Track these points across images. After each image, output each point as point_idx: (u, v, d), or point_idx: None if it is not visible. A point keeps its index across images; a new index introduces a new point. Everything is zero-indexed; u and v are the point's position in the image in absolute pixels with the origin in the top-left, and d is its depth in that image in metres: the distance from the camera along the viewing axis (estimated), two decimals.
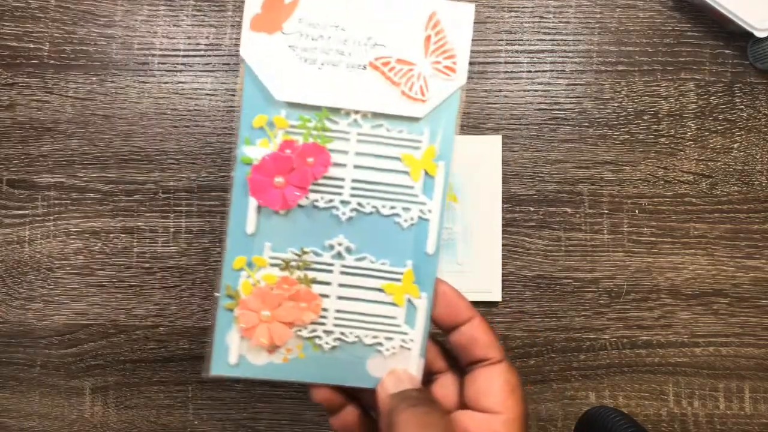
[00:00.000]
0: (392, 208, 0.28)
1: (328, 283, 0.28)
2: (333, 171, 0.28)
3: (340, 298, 0.28)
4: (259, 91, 0.28)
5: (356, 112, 0.28)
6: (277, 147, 0.28)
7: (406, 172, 0.28)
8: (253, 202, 0.28)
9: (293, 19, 0.28)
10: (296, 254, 0.28)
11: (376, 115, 0.28)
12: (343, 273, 0.28)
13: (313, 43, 0.28)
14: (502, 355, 0.28)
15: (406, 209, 0.28)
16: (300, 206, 0.28)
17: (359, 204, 0.28)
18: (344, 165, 0.28)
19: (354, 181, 0.28)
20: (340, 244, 0.28)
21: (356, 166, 0.28)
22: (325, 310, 0.28)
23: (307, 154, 0.28)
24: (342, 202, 0.28)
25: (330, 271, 0.28)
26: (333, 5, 0.28)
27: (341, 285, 0.28)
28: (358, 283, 0.28)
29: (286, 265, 0.28)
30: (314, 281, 0.28)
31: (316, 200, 0.28)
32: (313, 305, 0.28)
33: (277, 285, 0.28)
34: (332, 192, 0.28)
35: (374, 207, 0.28)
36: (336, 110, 0.28)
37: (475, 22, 0.45)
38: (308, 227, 0.28)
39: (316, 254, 0.28)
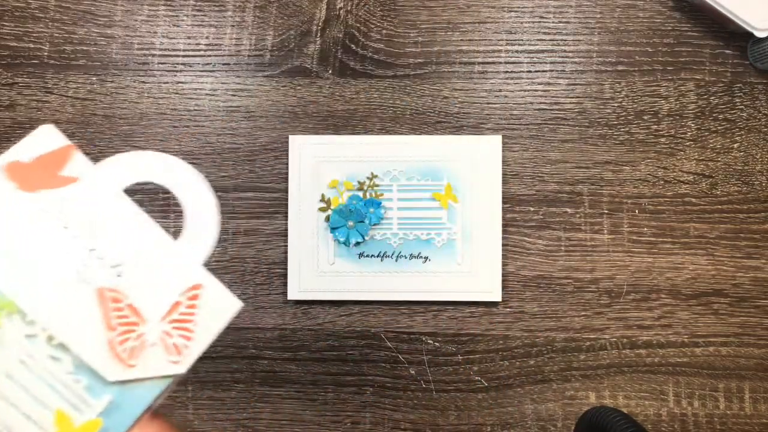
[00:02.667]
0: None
1: None
2: None
3: None
4: None
5: (43, 328, 0.23)
6: None
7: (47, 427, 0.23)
8: None
9: (57, 192, 0.24)
10: None
11: (60, 345, 0.23)
12: None
13: (59, 228, 0.24)
14: None
15: None
16: None
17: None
18: None
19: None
20: None
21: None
22: None
23: None
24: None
25: None
26: (106, 204, 0.24)
27: None
28: None
29: None
30: None
31: None
32: None
33: None
34: None
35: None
36: (20, 312, 0.23)
37: (475, 22, 0.45)
38: None
39: None
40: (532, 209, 0.44)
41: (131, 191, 0.25)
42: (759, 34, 0.41)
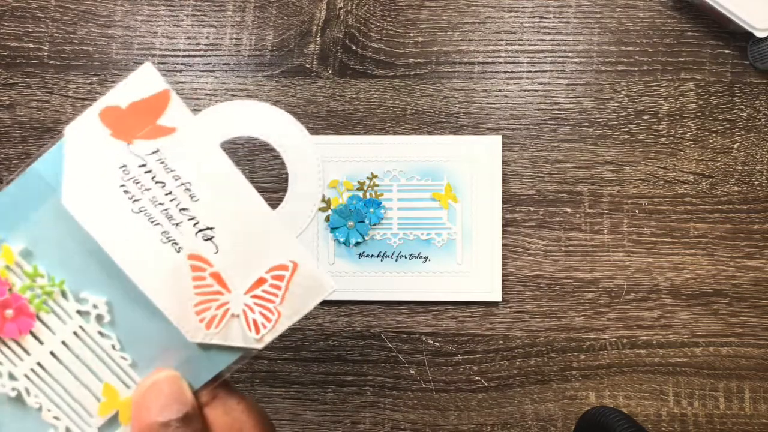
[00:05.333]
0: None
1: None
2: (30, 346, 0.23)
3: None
4: (49, 179, 0.23)
5: (94, 305, 0.23)
6: None
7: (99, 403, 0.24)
8: None
9: (152, 143, 0.22)
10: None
11: (109, 323, 0.23)
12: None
13: (151, 182, 0.23)
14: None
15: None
16: None
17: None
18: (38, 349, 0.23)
19: (36, 366, 0.24)
20: None
21: (52, 354, 0.24)
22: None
23: (9, 306, 0.23)
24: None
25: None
26: (203, 160, 0.23)
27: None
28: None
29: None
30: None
31: None
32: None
33: None
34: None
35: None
36: (72, 291, 0.23)
37: (475, 22, 0.45)
38: None
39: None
40: (532, 209, 0.44)
41: (231, 146, 0.23)
42: (759, 34, 0.41)
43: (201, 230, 0.23)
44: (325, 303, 0.44)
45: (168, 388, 0.23)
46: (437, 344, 0.43)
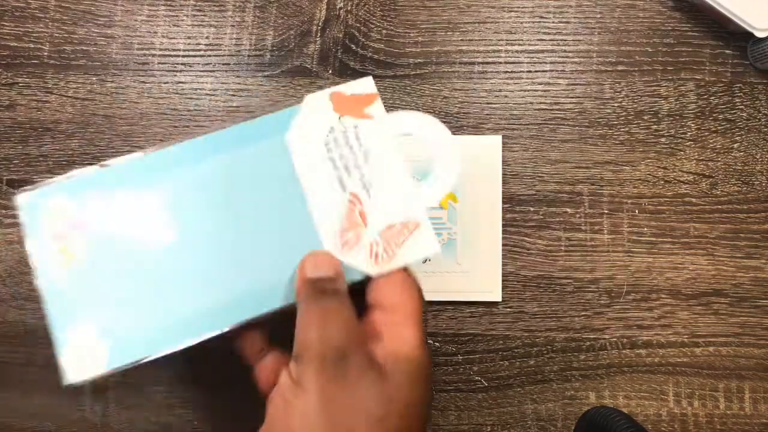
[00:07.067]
0: None
1: None
2: None
3: None
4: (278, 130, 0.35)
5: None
6: None
7: None
8: None
9: (355, 120, 0.33)
10: None
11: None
12: None
13: (344, 143, 0.33)
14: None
15: None
16: None
17: None
18: None
19: None
20: None
21: None
22: None
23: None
24: None
25: None
26: (382, 140, 0.33)
27: None
28: None
29: None
30: None
31: None
32: None
33: None
34: None
35: None
36: None
37: (475, 22, 0.45)
38: None
39: None
40: (532, 209, 0.44)
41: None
42: (759, 34, 0.41)
43: (365, 182, 0.33)
44: None
45: (321, 256, 0.31)
46: (437, 344, 0.43)
